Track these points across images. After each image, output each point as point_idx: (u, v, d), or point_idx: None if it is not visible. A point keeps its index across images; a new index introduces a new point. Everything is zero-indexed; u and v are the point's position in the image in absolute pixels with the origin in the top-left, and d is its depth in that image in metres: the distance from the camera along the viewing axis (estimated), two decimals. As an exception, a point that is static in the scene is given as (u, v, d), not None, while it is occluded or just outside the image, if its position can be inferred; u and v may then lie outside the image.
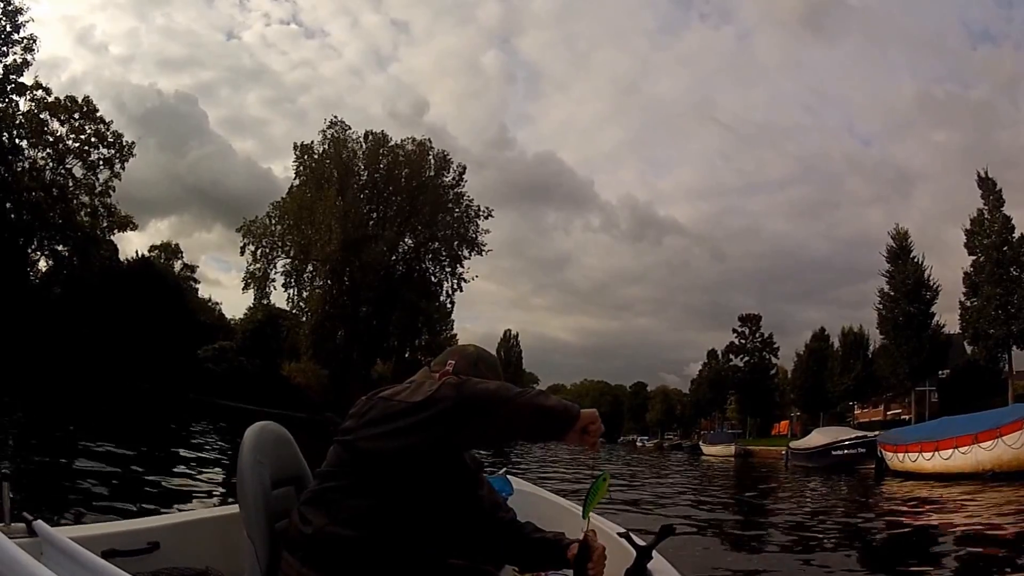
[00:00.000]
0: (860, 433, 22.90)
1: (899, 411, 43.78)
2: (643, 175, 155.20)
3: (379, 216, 42.66)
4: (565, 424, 1.34)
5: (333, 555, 1.38)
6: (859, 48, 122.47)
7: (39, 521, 1.34)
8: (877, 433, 21.25)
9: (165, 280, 34.54)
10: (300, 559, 1.40)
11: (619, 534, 1.92)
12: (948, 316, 34.93)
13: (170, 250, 48.10)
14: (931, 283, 35.27)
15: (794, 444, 26.78)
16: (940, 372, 35.64)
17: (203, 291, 48.80)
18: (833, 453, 22.02)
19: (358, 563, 1.39)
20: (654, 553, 1.65)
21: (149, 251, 44.38)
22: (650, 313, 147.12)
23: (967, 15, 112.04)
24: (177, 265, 47.51)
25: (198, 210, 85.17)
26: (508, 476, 3.06)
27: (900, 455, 16.53)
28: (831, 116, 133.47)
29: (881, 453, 18.23)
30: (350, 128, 43.24)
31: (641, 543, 1.66)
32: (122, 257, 34.77)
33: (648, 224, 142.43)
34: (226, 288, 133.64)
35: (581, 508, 1.58)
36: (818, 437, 24.31)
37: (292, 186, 42.43)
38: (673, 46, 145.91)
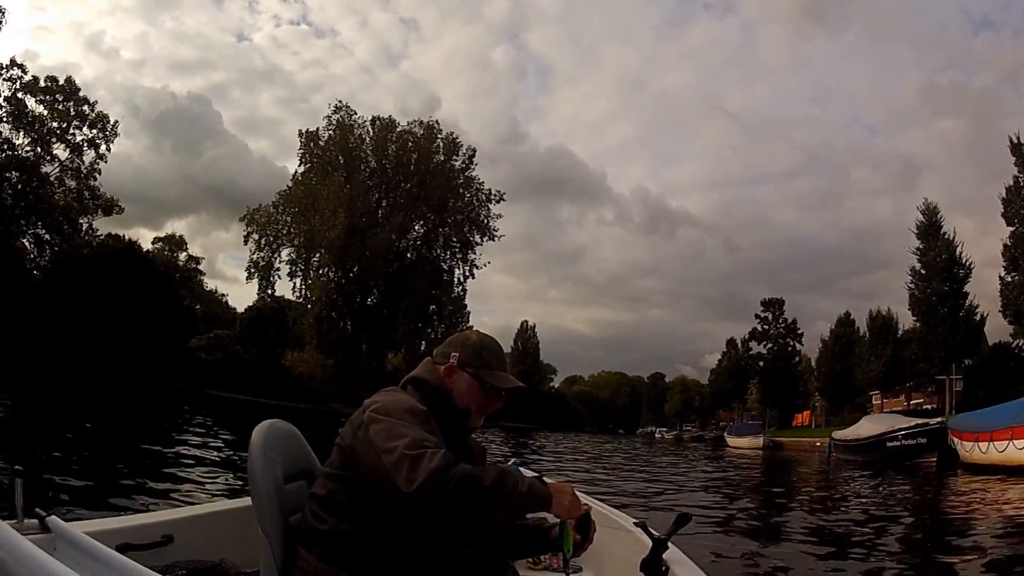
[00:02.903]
0: (919, 420, 20.77)
1: (921, 400, 42.00)
2: (654, 167, 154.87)
3: (388, 203, 41.18)
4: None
5: (348, 552, 1.40)
6: (862, 38, 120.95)
7: (53, 516, 1.32)
8: (940, 420, 19.34)
9: (151, 266, 32.81)
10: (317, 555, 1.41)
11: (635, 523, 1.87)
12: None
13: (174, 242, 47.18)
14: (963, 260, 33.48)
15: (838, 434, 24.75)
16: (964, 361, 33.74)
17: (220, 287, 47.77)
18: (888, 444, 20.01)
19: (373, 559, 1.39)
20: (670, 544, 1.63)
21: (153, 243, 43.67)
22: (665, 305, 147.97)
23: (967, 3, 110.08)
24: (182, 256, 46.67)
25: (215, 210, 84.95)
26: (520, 468, 2.60)
27: (983, 444, 14.54)
28: (836, 107, 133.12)
29: (953, 442, 16.39)
30: (356, 113, 41.88)
31: (657, 533, 1.64)
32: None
33: (661, 216, 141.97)
34: (243, 285, 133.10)
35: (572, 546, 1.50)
36: (868, 426, 22.23)
37: (296, 173, 41.07)
38: (679, 39, 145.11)
